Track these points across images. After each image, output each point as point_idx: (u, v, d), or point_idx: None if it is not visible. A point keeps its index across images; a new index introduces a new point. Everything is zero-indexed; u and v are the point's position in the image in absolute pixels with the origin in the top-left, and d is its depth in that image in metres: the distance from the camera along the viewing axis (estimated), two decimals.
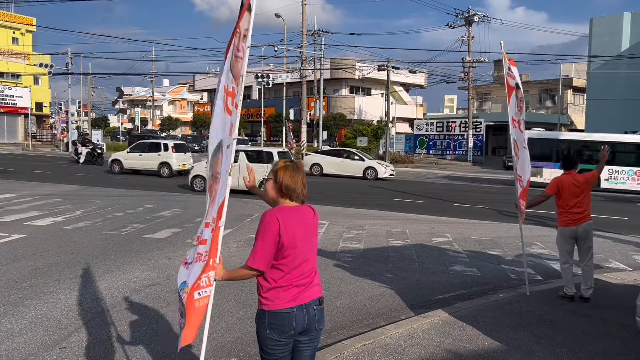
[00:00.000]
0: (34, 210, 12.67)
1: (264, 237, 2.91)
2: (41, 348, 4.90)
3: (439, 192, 21.23)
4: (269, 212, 2.96)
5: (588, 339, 5.41)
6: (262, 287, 2.99)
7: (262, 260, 2.92)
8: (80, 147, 29.87)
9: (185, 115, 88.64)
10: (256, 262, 2.92)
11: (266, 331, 2.96)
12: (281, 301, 2.94)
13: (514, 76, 6.89)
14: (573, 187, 6.58)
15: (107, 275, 7.29)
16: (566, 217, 6.60)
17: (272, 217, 2.92)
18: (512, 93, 6.89)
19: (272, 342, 2.96)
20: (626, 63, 35.74)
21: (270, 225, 2.90)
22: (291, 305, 2.94)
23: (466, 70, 42.66)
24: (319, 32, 41.58)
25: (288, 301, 2.94)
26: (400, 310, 6.43)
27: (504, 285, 7.67)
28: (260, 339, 3.01)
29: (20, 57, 54.31)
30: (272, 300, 2.95)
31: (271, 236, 2.90)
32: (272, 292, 2.96)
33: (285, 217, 2.94)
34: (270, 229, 2.90)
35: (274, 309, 2.94)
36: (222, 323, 5.71)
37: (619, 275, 8.24)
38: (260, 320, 2.99)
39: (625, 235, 12.31)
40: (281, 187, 3.04)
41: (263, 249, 2.91)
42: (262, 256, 2.91)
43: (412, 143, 48.42)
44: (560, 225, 6.71)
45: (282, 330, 2.94)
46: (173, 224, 11.42)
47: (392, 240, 10.68)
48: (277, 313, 2.93)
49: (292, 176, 3.04)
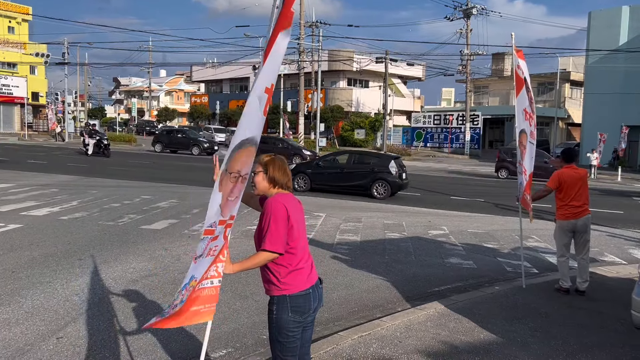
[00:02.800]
0: (31, 200, 12.64)
1: (277, 221, 3.03)
2: (38, 338, 4.90)
3: (435, 185, 21.26)
4: (274, 199, 3.11)
5: (583, 331, 5.44)
6: (279, 273, 3.10)
7: (279, 243, 3.04)
8: (87, 139, 29.14)
9: (183, 106, 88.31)
10: (274, 245, 3.03)
11: (289, 315, 3.09)
12: (299, 283, 3.11)
13: (523, 70, 6.87)
14: (574, 180, 6.62)
15: (104, 266, 7.29)
16: (566, 211, 6.62)
17: (279, 203, 3.09)
18: (523, 86, 6.84)
19: (294, 324, 3.11)
20: (624, 57, 35.70)
21: (280, 209, 3.05)
22: (307, 287, 3.13)
23: (464, 63, 42.63)
24: (317, 24, 41.41)
25: (304, 282, 3.13)
26: (396, 302, 6.46)
27: (500, 278, 7.70)
28: (280, 324, 3.10)
29: (17, 46, 53.92)
30: (292, 284, 3.10)
31: (283, 220, 3.05)
32: (290, 277, 3.10)
33: (289, 202, 3.12)
34: (281, 213, 3.05)
35: (294, 292, 3.10)
36: (219, 314, 5.71)
37: (615, 269, 8.29)
38: (281, 305, 3.10)
39: (620, 229, 12.36)
40: (274, 178, 3.19)
41: (278, 231, 3.03)
42: (278, 239, 3.04)
43: (410, 136, 48.45)
44: (559, 219, 6.73)
45: (303, 311, 3.12)
46: (170, 215, 11.41)
47: (389, 232, 10.70)
48: (298, 296, 3.10)
49: (281, 167, 3.23)
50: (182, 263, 7.57)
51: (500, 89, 55.52)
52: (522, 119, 6.86)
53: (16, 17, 54.80)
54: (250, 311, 5.86)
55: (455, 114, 46.49)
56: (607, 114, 36.49)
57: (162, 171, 22.23)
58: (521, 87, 6.86)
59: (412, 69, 54.56)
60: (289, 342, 3.11)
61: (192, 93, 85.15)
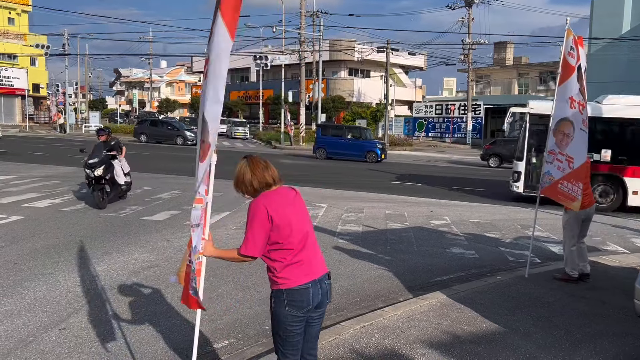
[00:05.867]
0: (32, 192, 12.64)
1: (252, 225, 3.02)
2: (40, 329, 4.91)
3: (437, 175, 21.22)
4: (254, 201, 3.09)
5: (585, 320, 5.43)
6: (275, 269, 3.08)
7: (256, 248, 3.03)
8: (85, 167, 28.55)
9: (183, 97, 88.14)
10: (248, 250, 3.04)
11: (285, 308, 3.06)
12: (296, 278, 3.05)
13: (577, 57, 6.65)
14: (588, 170, 6.79)
15: (106, 257, 7.29)
16: (583, 200, 6.65)
17: (257, 205, 3.05)
18: (573, 73, 6.65)
19: (292, 318, 3.07)
20: (627, 45, 35.45)
21: (257, 212, 3.02)
22: (306, 281, 3.07)
23: (466, 53, 42.40)
24: (317, 13, 41.16)
25: (302, 277, 3.06)
26: (398, 292, 6.45)
27: (502, 267, 7.69)
28: (278, 318, 3.10)
29: (17, 37, 53.74)
30: (288, 279, 3.05)
31: (260, 223, 3.00)
32: (286, 271, 3.05)
33: (269, 201, 3.05)
34: (258, 216, 3.01)
35: (291, 287, 3.05)
36: (221, 305, 5.73)
37: (617, 258, 8.27)
38: (278, 299, 3.08)
39: (623, 218, 12.34)
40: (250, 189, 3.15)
41: (253, 236, 3.02)
42: (253, 243, 3.03)
43: (411, 126, 48.30)
44: None
45: (301, 306, 3.06)
46: (171, 206, 11.41)
47: (391, 222, 10.69)
48: (294, 290, 3.05)
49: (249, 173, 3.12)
50: (183, 254, 7.55)
51: (502, 78, 55.29)
52: (567, 107, 6.63)
53: (16, 9, 54.57)
54: (252, 302, 5.86)
55: (457, 103, 46.27)
56: None
57: (163, 162, 22.21)
58: (569, 75, 6.61)
59: (414, 59, 54.28)
60: (289, 337, 3.10)
61: (193, 84, 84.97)
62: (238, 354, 4.59)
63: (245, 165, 3.15)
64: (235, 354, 4.59)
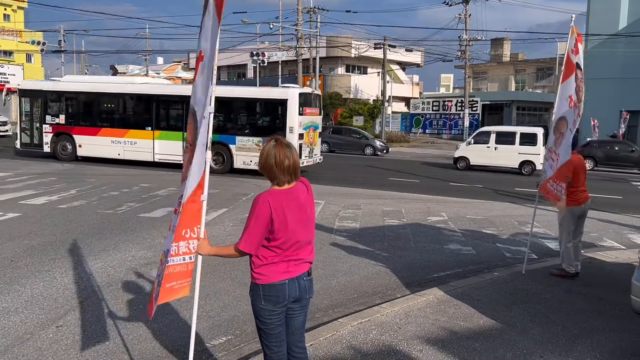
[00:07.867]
0: (29, 189, 12.61)
1: (255, 221, 2.97)
2: (37, 326, 4.90)
3: (434, 171, 21.24)
4: (261, 196, 3.01)
5: (582, 316, 5.45)
6: (254, 264, 3.08)
7: (253, 244, 3.01)
8: None
9: None
10: (246, 246, 3.01)
11: (261, 303, 3.08)
12: (273, 274, 3.04)
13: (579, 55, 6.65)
14: (583, 166, 6.83)
15: (103, 254, 7.28)
16: (578, 196, 6.69)
17: (264, 202, 2.97)
18: (573, 72, 6.64)
19: (267, 312, 3.09)
20: (624, 42, 35.49)
21: (262, 210, 2.96)
22: (284, 278, 3.05)
23: (463, 49, 42.36)
24: (315, 10, 41.07)
25: (280, 274, 3.05)
26: (396, 288, 6.46)
27: (499, 263, 7.71)
28: (256, 310, 3.13)
29: (12, 34, 53.49)
30: (265, 275, 3.05)
31: (262, 220, 2.96)
32: (263, 268, 3.05)
33: (276, 201, 2.99)
34: (261, 215, 2.96)
35: (267, 282, 3.05)
36: (219, 301, 5.72)
37: (613, 254, 8.29)
38: (255, 293, 3.10)
39: (619, 214, 12.37)
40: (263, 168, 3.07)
41: (253, 232, 2.98)
42: (251, 240, 3.00)
43: (408, 122, 48.30)
44: (570, 205, 6.68)
45: (277, 301, 3.07)
46: (169, 203, 11.38)
47: (388, 219, 10.69)
48: (270, 285, 3.05)
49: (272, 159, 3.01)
50: None
51: (499, 75, 55.31)
52: (566, 105, 6.62)
53: (11, 5, 54.32)
54: (249, 299, 5.84)
55: (454, 100, 46.29)
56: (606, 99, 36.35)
57: None
58: (571, 72, 6.59)
59: (411, 55, 54.23)
60: (268, 329, 3.12)
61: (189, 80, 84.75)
62: (235, 350, 4.59)
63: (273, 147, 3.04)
64: (233, 350, 4.60)
